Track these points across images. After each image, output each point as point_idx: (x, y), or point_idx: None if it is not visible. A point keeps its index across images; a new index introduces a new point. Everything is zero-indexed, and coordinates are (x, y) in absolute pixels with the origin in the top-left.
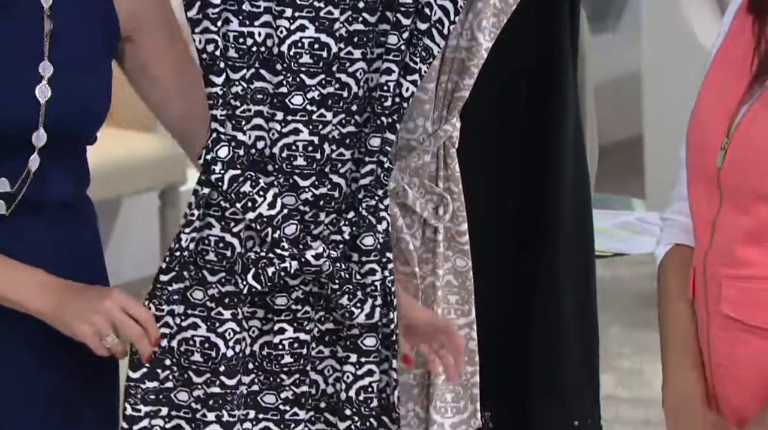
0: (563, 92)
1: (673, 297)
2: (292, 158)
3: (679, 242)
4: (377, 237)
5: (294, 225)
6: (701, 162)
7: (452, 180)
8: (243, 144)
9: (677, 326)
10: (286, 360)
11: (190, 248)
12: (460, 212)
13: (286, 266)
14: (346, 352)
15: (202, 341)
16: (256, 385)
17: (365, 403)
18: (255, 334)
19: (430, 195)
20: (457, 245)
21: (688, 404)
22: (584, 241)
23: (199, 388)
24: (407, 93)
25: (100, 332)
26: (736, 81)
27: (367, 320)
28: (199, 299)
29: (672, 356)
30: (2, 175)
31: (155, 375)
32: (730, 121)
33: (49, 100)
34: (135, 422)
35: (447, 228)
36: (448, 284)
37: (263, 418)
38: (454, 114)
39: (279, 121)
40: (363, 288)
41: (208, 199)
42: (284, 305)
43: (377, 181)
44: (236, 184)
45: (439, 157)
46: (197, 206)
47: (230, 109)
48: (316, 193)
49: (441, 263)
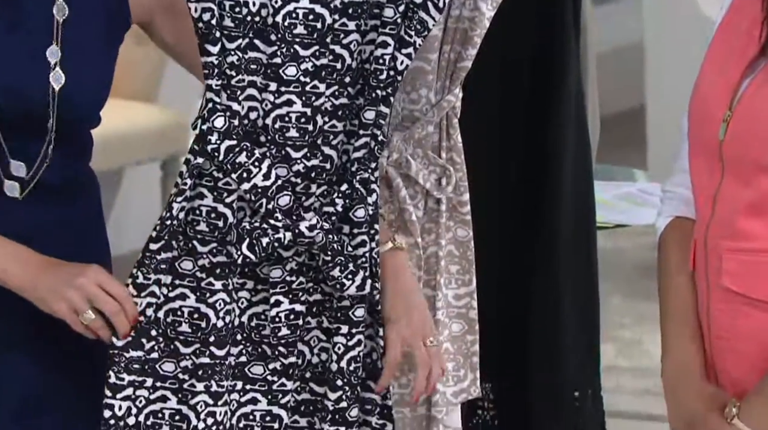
0: (565, 63)
1: (673, 270)
2: (284, 130)
3: (679, 215)
4: (368, 209)
5: (287, 196)
6: (703, 134)
7: (455, 151)
8: (237, 114)
9: (677, 299)
10: (283, 332)
11: (180, 217)
12: (462, 183)
13: (280, 237)
14: (337, 323)
15: (191, 311)
16: (243, 356)
17: (355, 373)
18: (244, 305)
19: (433, 166)
20: (459, 215)
21: (686, 376)
22: (585, 212)
23: (187, 358)
24: (401, 66)
25: (76, 308)
26: (739, 53)
27: (357, 292)
28: (189, 270)
29: (671, 328)
30: (24, 159)
31: (140, 344)
32: (732, 93)
33: (62, 87)
34: (118, 391)
35: (449, 198)
36: (449, 253)
37: (251, 389)
38: (456, 84)
39: (272, 92)
40: (354, 260)
41: (201, 169)
42: (279, 277)
43: (370, 154)
44: (232, 155)
45: (441, 128)
46: (189, 176)
47: (225, 78)
48: (308, 165)
49: (443, 233)
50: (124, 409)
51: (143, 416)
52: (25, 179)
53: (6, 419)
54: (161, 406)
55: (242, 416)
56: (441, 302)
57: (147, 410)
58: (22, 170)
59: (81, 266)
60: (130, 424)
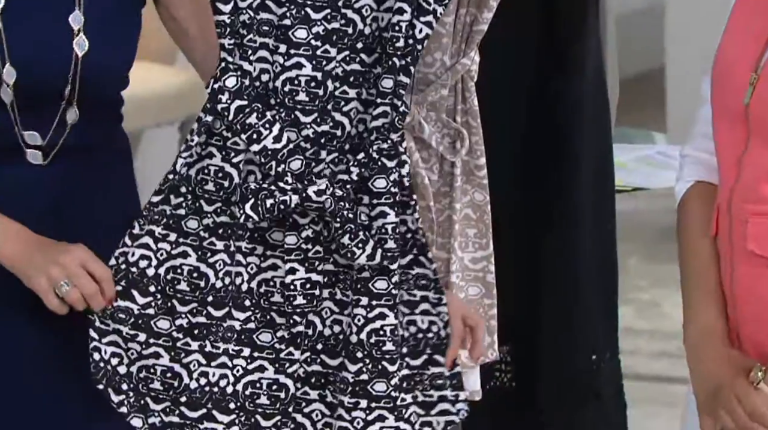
0: (584, 23)
1: (694, 234)
2: (294, 93)
3: (700, 179)
4: (390, 180)
5: (299, 160)
6: (728, 98)
7: (470, 114)
8: (249, 74)
9: (699, 263)
10: (298, 301)
11: (182, 172)
12: (478, 146)
13: (285, 199)
14: (356, 295)
15: (191, 270)
16: (252, 323)
17: (377, 346)
18: (253, 271)
19: (447, 129)
20: (476, 179)
21: (709, 341)
22: (604, 175)
23: (183, 317)
24: (421, 35)
25: (54, 281)
26: (765, 14)
27: (368, 261)
28: (193, 229)
29: (693, 292)
30: (38, 126)
31: (130, 296)
32: (759, 55)
33: (86, 53)
34: (103, 335)
35: (465, 162)
36: (466, 217)
37: (258, 356)
38: (472, 47)
39: (282, 54)
40: (367, 229)
41: (212, 127)
42: (294, 245)
43: (391, 124)
44: (242, 115)
45: (457, 91)
46: (198, 133)
47: (238, 38)
48: (317, 131)
49: (459, 197)
50: (109, 354)
51: (135, 368)
52: (43, 146)
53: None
54: (153, 362)
55: (249, 384)
56: (456, 265)
57: (139, 364)
58: (37, 138)
59: (67, 246)
60: (121, 373)
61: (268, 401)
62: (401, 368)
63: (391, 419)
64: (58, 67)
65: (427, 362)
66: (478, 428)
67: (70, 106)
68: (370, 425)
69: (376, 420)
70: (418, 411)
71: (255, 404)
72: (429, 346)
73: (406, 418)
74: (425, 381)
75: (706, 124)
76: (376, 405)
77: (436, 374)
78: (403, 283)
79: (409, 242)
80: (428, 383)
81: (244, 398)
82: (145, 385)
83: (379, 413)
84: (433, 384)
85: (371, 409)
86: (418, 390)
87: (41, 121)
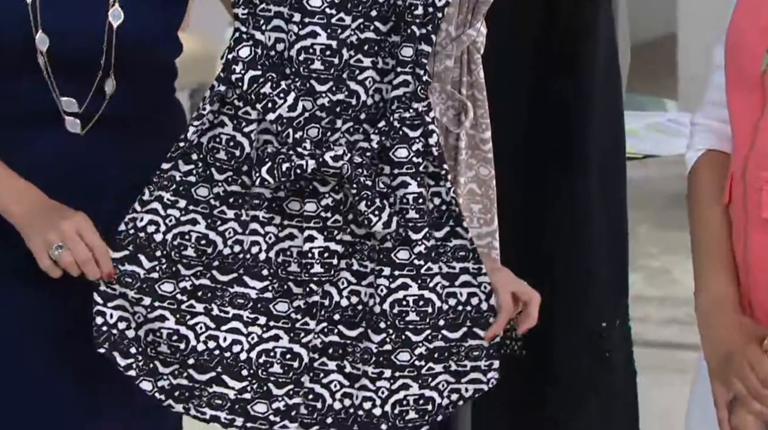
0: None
1: (706, 202)
2: (309, 62)
3: (711, 148)
4: (413, 150)
5: (316, 128)
6: (743, 66)
7: (476, 87)
8: (262, 44)
9: (710, 231)
10: (315, 270)
11: (193, 140)
12: (484, 120)
13: (302, 164)
14: (379, 265)
15: (199, 237)
16: (269, 292)
17: (400, 316)
18: (271, 240)
19: (452, 101)
20: (481, 153)
21: (722, 309)
22: (615, 142)
23: (186, 280)
24: (440, 2)
25: (48, 245)
26: None
27: (384, 229)
28: (204, 196)
29: (704, 261)
30: (76, 94)
31: (137, 261)
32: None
33: (121, 23)
34: (109, 299)
35: (470, 136)
36: (470, 192)
37: (273, 325)
38: (479, 18)
39: (297, 23)
40: (385, 197)
41: (224, 97)
42: (314, 212)
43: (413, 93)
44: (256, 85)
45: (462, 63)
46: (211, 102)
47: (252, 7)
48: (333, 99)
49: (463, 171)
50: (116, 318)
51: (143, 332)
52: (80, 114)
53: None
54: (159, 325)
55: (262, 352)
56: None
57: (146, 328)
58: (74, 106)
59: (69, 212)
60: (129, 336)
61: (281, 370)
62: (432, 340)
63: (415, 387)
64: (91, 37)
65: (466, 334)
66: (490, 396)
67: (108, 76)
68: (395, 394)
69: (401, 389)
70: (449, 379)
71: (268, 373)
72: (469, 319)
73: (432, 386)
74: (461, 352)
75: (718, 92)
76: (401, 374)
77: (474, 346)
78: (441, 256)
79: (444, 215)
80: (464, 355)
81: (257, 365)
82: (153, 348)
83: (403, 382)
84: (469, 355)
85: (395, 378)
86: (452, 361)
87: (79, 90)
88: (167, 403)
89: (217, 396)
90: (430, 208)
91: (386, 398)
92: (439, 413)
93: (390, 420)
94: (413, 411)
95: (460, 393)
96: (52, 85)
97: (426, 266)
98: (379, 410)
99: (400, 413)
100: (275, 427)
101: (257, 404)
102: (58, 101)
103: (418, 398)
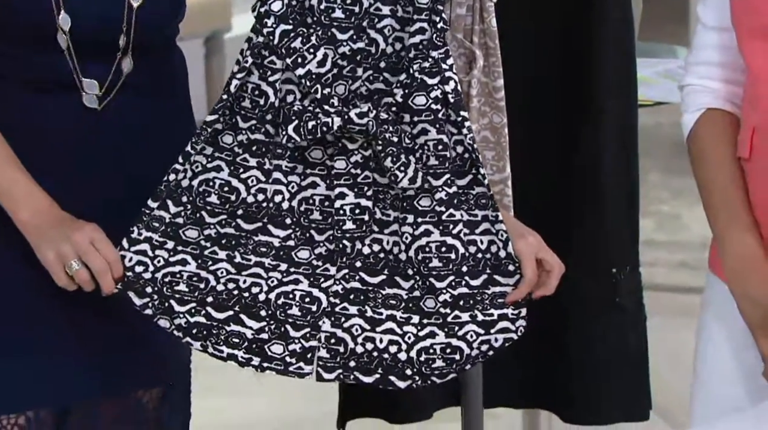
0: None
1: (716, 162)
2: (330, 11)
3: (711, 106)
4: (431, 97)
5: (343, 85)
6: (756, 17)
7: (488, 35)
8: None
9: (725, 191)
10: (348, 226)
11: (232, 92)
12: (496, 68)
13: (328, 122)
14: (403, 213)
15: (222, 184)
16: (291, 240)
17: (424, 263)
18: (294, 190)
19: (463, 49)
20: (494, 101)
21: (752, 266)
22: (626, 89)
23: (212, 227)
24: None
25: (63, 258)
26: None
27: (410, 184)
28: (228, 144)
29: (725, 221)
30: (96, 73)
31: (166, 206)
32: None
33: (140, 5)
34: (133, 244)
35: (483, 83)
36: (484, 139)
37: (294, 271)
38: None
39: None
40: (410, 152)
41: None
42: (344, 169)
43: (430, 42)
44: (287, 40)
45: (474, 11)
46: (251, 54)
47: None
48: (353, 48)
49: (476, 118)
50: (135, 260)
51: (160, 275)
52: (99, 96)
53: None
54: (180, 268)
55: (281, 294)
56: None
57: (164, 271)
58: (95, 87)
59: (80, 223)
60: (145, 278)
61: (299, 313)
62: (456, 286)
63: (441, 335)
64: (112, 17)
65: (487, 281)
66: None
67: (125, 55)
68: (421, 341)
69: (427, 337)
70: (477, 331)
71: (286, 314)
72: (489, 266)
73: (459, 336)
74: (485, 301)
75: (713, 51)
76: (428, 322)
77: (497, 293)
78: (463, 203)
79: (467, 162)
80: (488, 302)
81: (275, 307)
82: (169, 288)
83: (430, 329)
84: (494, 303)
85: (423, 325)
86: (478, 310)
87: (98, 69)
88: (185, 340)
89: (234, 335)
90: (453, 156)
91: (412, 344)
92: (469, 362)
93: (415, 366)
94: (440, 360)
95: (490, 343)
96: (73, 63)
97: (448, 213)
98: (405, 355)
99: (426, 361)
100: (290, 368)
101: (274, 344)
102: (79, 81)
103: (444, 346)
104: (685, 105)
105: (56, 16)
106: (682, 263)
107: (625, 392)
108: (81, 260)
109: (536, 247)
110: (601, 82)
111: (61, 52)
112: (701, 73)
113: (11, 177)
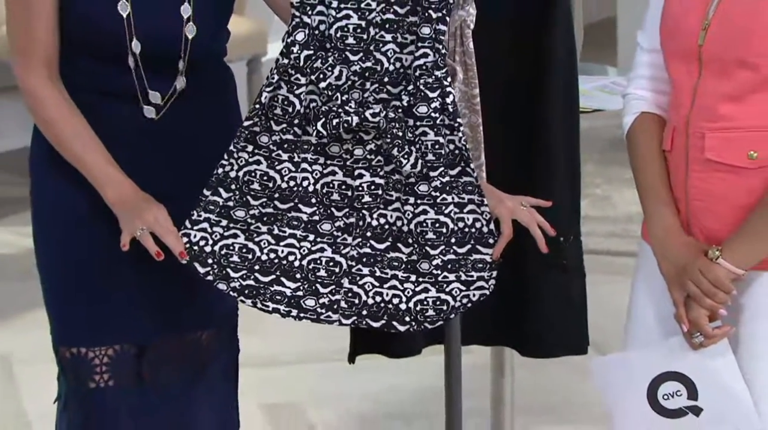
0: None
1: (647, 154)
2: (344, 38)
3: (645, 110)
4: (431, 107)
5: (358, 92)
6: (681, 42)
7: (467, 54)
8: (309, 26)
9: (653, 177)
10: (366, 200)
11: (265, 102)
12: (473, 79)
13: (348, 119)
14: (406, 196)
15: (262, 174)
16: (316, 216)
17: (421, 235)
18: (317, 176)
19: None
20: (472, 105)
21: (671, 234)
22: (572, 100)
23: (255, 208)
24: None
25: (134, 228)
26: None
27: (412, 169)
28: (265, 143)
29: (652, 199)
30: (156, 90)
31: (218, 193)
32: (707, 4)
33: (195, 36)
34: (195, 224)
35: (464, 92)
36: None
37: (320, 241)
38: (469, 2)
39: (334, 8)
40: (411, 144)
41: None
42: (361, 155)
43: (433, 63)
44: (310, 62)
45: (456, 36)
46: (277, 73)
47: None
48: (363, 66)
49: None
50: (199, 237)
51: (218, 247)
52: (160, 105)
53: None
54: (232, 241)
55: (311, 261)
56: None
57: (221, 244)
58: (158, 98)
59: (152, 204)
60: (207, 251)
61: (325, 274)
62: (446, 253)
63: (433, 291)
64: (173, 46)
65: (471, 250)
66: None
67: (181, 74)
68: (417, 295)
69: (422, 292)
70: (461, 287)
71: (315, 276)
72: (473, 238)
73: (447, 291)
74: (468, 265)
75: (648, 68)
76: (422, 280)
77: (478, 259)
78: (453, 189)
79: (458, 157)
80: (470, 267)
81: (307, 271)
82: (225, 259)
83: (424, 286)
84: (475, 267)
85: (419, 282)
86: (462, 271)
87: (159, 85)
88: (240, 298)
89: (277, 293)
90: (446, 152)
91: (410, 297)
92: (453, 312)
93: (412, 314)
94: (431, 310)
95: (469, 297)
96: (142, 79)
97: (441, 197)
98: (404, 306)
99: (421, 311)
100: (321, 316)
101: (308, 299)
102: (146, 92)
103: (435, 300)
104: (625, 110)
105: (129, 42)
106: (612, 233)
107: (569, 332)
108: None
109: (512, 210)
110: (551, 94)
111: (129, 71)
112: (638, 85)
113: (103, 167)
